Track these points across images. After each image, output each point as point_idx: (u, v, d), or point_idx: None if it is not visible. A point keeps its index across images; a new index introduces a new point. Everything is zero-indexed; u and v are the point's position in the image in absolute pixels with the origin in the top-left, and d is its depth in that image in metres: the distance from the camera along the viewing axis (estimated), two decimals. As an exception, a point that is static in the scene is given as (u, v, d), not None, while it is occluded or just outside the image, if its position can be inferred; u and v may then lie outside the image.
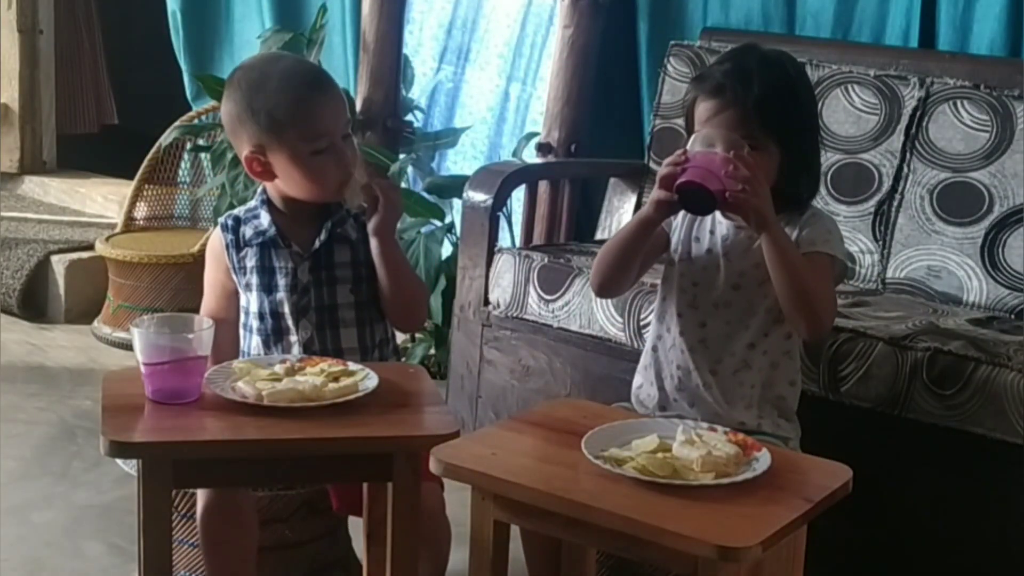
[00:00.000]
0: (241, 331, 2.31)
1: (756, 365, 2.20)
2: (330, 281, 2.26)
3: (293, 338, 2.25)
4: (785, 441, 2.18)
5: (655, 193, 2.11)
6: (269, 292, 2.26)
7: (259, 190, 2.32)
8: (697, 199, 2.05)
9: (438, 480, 2.18)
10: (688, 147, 2.09)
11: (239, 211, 2.31)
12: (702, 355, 2.22)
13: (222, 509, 2.15)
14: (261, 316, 2.26)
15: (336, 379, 2.04)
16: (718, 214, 2.20)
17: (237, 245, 2.27)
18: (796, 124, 2.19)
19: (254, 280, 2.26)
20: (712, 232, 2.23)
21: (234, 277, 2.29)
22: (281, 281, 2.25)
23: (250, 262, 2.27)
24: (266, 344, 2.26)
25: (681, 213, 2.22)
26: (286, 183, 2.24)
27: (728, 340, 2.21)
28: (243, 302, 2.30)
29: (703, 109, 2.16)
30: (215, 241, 2.32)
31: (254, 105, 2.20)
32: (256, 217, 2.28)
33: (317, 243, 2.25)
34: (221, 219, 2.32)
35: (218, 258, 2.31)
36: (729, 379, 2.20)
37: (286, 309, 2.25)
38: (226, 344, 2.29)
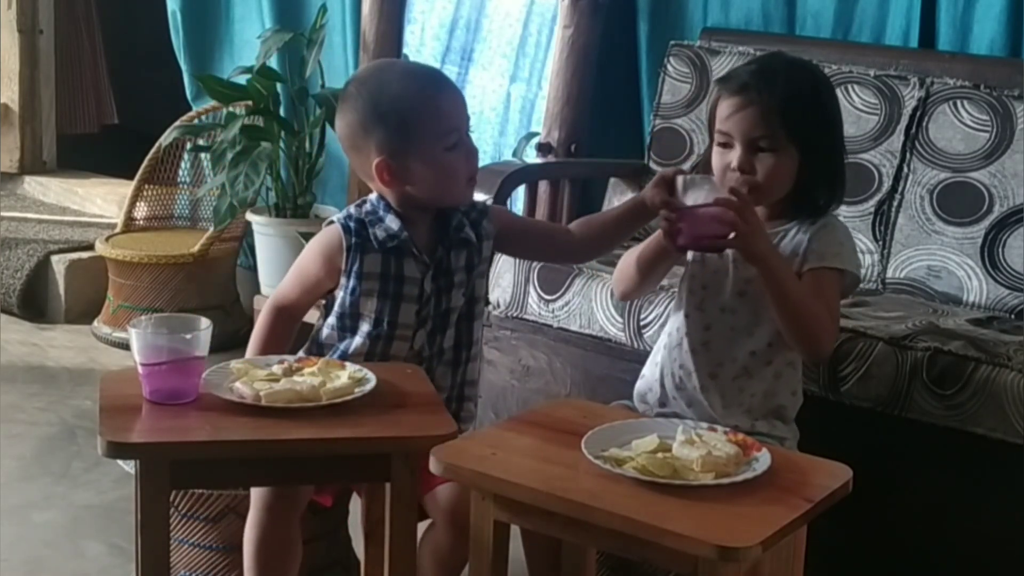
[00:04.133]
0: (335, 332, 2.25)
1: (758, 374, 2.20)
2: (448, 287, 2.24)
3: (405, 344, 2.22)
4: (781, 441, 2.18)
5: (665, 240, 2.16)
6: (394, 300, 2.20)
7: (375, 195, 2.25)
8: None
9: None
10: (679, 189, 2.11)
11: (356, 213, 2.23)
12: (703, 358, 2.21)
13: (277, 543, 2.14)
14: (376, 322, 2.21)
15: (334, 380, 2.04)
16: None
17: (362, 249, 2.20)
18: (818, 130, 2.19)
19: (376, 286, 2.20)
20: None
21: (343, 279, 2.22)
22: (408, 291, 2.21)
23: (374, 268, 2.20)
24: (372, 347, 2.22)
25: None
26: (419, 186, 2.19)
27: (731, 346, 2.20)
28: (341, 305, 2.22)
29: (725, 106, 2.17)
30: (333, 239, 2.22)
31: (381, 109, 2.16)
32: (381, 220, 2.21)
33: (440, 252, 2.22)
34: (339, 219, 2.23)
35: (331, 258, 2.22)
36: (728, 385, 2.20)
37: (409, 319, 2.21)
38: (286, 335, 2.26)
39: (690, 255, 2.25)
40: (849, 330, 2.51)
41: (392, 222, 2.21)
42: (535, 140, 3.69)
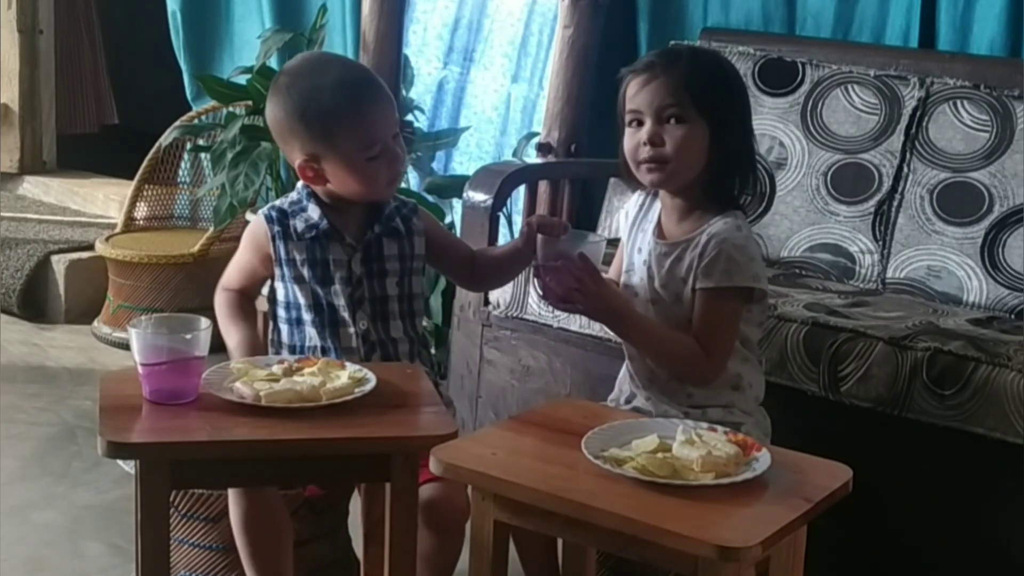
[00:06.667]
0: (284, 326, 2.29)
1: None
2: (380, 273, 2.28)
3: (351, 329, 2.26)
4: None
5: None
6: (324, 284, 2.25)
7: (301, 184, 2.30)
8: None
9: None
10: (538, 244, 2.17)
11: (281, 203, 2.30)
12: (639, 364, 2.24)
13: (260, 516, 2.15)
14: (316, 308, 2.26)
15: (334, 380, 2.04)
16: (649, 230, 2.24)
17: (285, 237, 2.26)
18: (724, 103, 2.18)
19: (305, 273, 2.25)
20: (649, 242, 2.24)
21: (275, 269, 2.28)
22: (336, 273, 2.25)
23: (299, 255, 2.26)
24: (322, 336, 2.25)
25: (629, 223, 2.29)
26: (339, 188, 2.25)
27: None
28: (283, 296, 2.28)
29: (633, 86, 2.20)
30: (257, 229, 2.29)
31: (307, 117, 2.20)
32: (303, 210, 2.27)
33: (369, 235, 2.27)
34: (263, 210, 2.30)
35: (259, 247, 2.29)
36: (665, 385, 2.21)
37: (342, 301, 2.25)
38: (244, 307, 2.32)
39: (625, 263, 2.28)
40: (849, 330, 2.51)
41: (313, 211, 2.27)
42: (535, 140, 3.70)
